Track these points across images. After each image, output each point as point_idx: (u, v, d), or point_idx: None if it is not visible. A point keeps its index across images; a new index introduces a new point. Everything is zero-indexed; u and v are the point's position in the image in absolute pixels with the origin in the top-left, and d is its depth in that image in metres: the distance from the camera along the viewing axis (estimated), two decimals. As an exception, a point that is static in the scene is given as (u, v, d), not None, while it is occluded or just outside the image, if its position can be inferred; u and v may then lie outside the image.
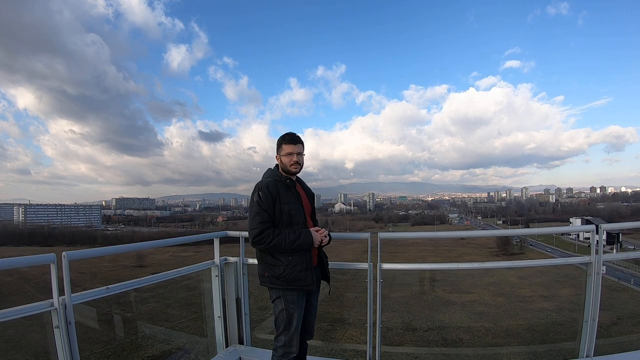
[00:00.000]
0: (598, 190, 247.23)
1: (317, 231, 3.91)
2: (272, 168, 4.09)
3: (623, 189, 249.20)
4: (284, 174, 4.00)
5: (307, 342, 4.19)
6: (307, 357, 4.21)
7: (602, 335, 5.85)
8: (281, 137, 4.06)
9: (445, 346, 9.11)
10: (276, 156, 4.06)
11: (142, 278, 4.11)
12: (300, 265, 3.78)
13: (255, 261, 4.22)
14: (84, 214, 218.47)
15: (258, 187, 3.81)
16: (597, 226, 4.59)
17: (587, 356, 4.49)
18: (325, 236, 3.95)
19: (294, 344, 3.82)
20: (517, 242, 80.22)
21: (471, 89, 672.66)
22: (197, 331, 5.68)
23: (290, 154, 3.96)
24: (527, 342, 9.28)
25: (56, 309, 3.13)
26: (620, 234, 77.89)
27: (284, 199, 3.80)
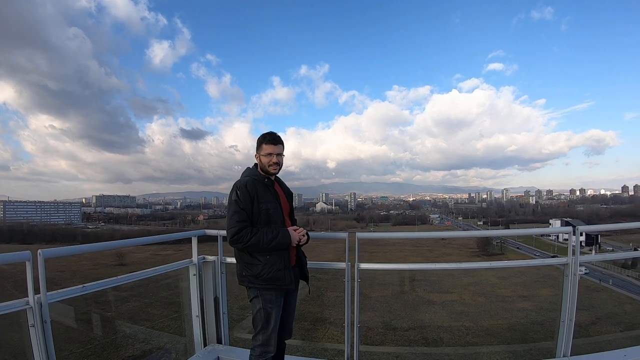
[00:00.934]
0: (578, 193, 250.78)
1: (295, 230, 3.91)
2: (251, 167, 4.07)
3: (602, 192, 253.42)
4: (262, 173, 3.99)
5: (286, 341, 4.19)
6: (287, 356, 4.21)
7: (581, 335, 5.92)
8: (262, 136, 4.03)
9: (426, 345, 9.15)
10: (255, 155, 4.03)
11: (119, 277, 4.07)
12: (279, 264, 3.77)
13: (234, 260, 4.20)
14: (64, 211, 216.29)
15: (236, 186, 3.80)
16: (574, 228, 4.65)
17: (564, 356, 4.56)
18: (304, 235, 3.95)
19: (272, 343, 3.82)
20: (497, 242, 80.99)
21: (454, 91, 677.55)
22: (177, 330, 5.65)
23: (270, 154, 3.95)
24: (507, 342, 9.36)
25: (31, 307, 3.10)
26: (599, 236, 78.87)
27: (262, 198, 3.80)
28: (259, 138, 4.03)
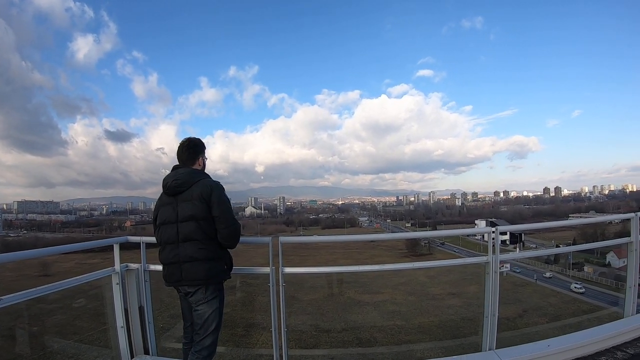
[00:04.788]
0: (502, 195, 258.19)
1: None
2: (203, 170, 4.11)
3: (525, 193, 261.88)
4: None
5: (219, 349, 4.14)
6: None
7: (510, 328, 6.18)
8: (202, 141, 4.12)
9: (360, 346, 9.27)
10: (204, 157, 4.13)
11: (37, 288, 3.85)
12: None
13: (158, 267, 4.13)
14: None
15: (221, 186, 3.88)
16: (493, 227, 4.86)
17: (489, 349, 4.74)
18: None
19: (217, 344, 3.85)
20: (425, 243, 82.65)
21: (383, 96, 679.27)
22: (106, 343, 5.48)
23: None
24: (438, 338, 9.60)
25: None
26: (523, 234, 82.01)
27: None
28: (200, 143, 4.10)
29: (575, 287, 39.05)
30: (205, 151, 4.13)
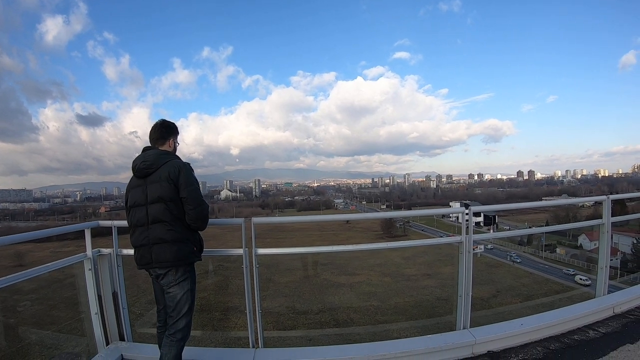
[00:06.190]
0: (476, 177, 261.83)
1: None
2: (172, 152, 4.06)
3: (499, 176, 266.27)
4: None
5: (195, 333, 4.14)
6: (196, 348, 4.17)
7: (484, 307, 6.28)
8: (174, 124, 4.09)
9: (337, 327, 9.38)
10: (174, 140, 4.09)
11: (8, 277, 3.75)
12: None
13: (130, 252, 4.11)
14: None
15: (189, 166, 3.89)
16: (466, 208, 4.91)
17: (463, 328, 4.83)
18: None
19: (191, 326, 3.84)
20: (400, 225, 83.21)
21: (359, 78, 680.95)
22: (84, 332, 5.44)
23: None
24: (414, 317, 9.76)
25: None
26: (497, 216, 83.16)
27: None
28: (173, 125, 4.09)
29: (581, 279, 37.27)
30: (179, 137, 4.09)
